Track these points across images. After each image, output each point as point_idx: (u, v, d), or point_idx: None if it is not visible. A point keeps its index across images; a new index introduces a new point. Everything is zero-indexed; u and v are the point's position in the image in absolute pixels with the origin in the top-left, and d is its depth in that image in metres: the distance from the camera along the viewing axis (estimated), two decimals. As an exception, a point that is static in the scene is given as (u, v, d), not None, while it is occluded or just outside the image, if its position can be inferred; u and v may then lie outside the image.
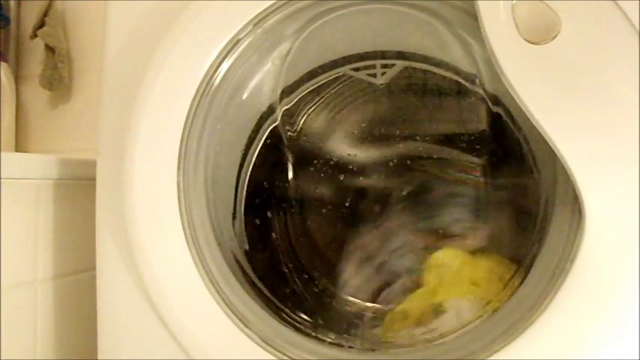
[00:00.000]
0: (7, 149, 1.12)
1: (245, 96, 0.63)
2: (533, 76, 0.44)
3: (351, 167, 0.69)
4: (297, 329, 0.57)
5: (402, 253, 0.64)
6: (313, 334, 0.56)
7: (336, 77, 0.66)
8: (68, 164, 0.70)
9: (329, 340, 0.56)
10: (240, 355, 0.51)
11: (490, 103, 0.60)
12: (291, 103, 0.66)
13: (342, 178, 0.69)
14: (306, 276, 0.67)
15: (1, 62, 1.15)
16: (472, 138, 0.64)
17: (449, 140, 0.66)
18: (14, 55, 1.21)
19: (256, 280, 0.60)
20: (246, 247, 0.63)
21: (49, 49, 1.15)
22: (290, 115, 0.67)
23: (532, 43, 0.45)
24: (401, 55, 0.64)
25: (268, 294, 0.60)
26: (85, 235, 0.68)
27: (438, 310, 0.57)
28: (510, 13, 0.46)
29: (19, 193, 0.63)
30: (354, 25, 0.62)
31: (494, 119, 0.60)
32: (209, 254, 0.55)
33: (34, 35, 1.16)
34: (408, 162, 0.68)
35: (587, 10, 0.44)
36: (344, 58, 0.65)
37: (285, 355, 0.51)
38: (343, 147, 0.70)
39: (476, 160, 0.64)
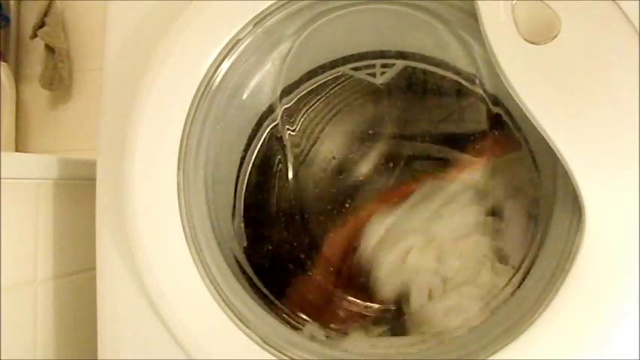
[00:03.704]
0: (7, 149, 1.12)
1: (245, 96, 0.63)
2: (533, 76, 0.44)
3: (350, 167, 0.69)
4: (297, 329, 0.57)
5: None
6: (313, 333, 0.56)
7: (336, 77, 0.66)
8: (68, 164, 0.70)
9: (329, 339, 0.56)
10: (240, 355, 0.51)
11: (490, 104, 0.60)
12: (291, 103, 0.66)
13: (342, 178, 0.69)
14: (306, 276, 0.67)
15: (1, 62, 1.15)
16: (472, 138, 0.64)
17: (449, 140, 0.66)
18: (14, 55, 1.21)
19: (256, 280, 0.60)
20: (246, 246, 0.63)
21: (49, 49, 1.16)
22: (290, 115, 0.67)
23: (532, 43, 0.45)
24: (401, 55, 0.64)
25: (268, 294, 0.60)
26: (85, 235, 0.68)
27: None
28: (510, 13, 0.46)
29: (19, 193, 0.63)
30: (354, 25, 0.62)
31: (495, 119, 0.60)
32: (209, 254, 0.55)
33: (34, 35, 1.16)
34: (408, 162, 0.68)
35: (587, 10, 0.44)
36: (344, 58, 0.65)
37: (285, 355, 0.51)
38: (343, 147, 0.70)
39: (476, 160, 0.64)
